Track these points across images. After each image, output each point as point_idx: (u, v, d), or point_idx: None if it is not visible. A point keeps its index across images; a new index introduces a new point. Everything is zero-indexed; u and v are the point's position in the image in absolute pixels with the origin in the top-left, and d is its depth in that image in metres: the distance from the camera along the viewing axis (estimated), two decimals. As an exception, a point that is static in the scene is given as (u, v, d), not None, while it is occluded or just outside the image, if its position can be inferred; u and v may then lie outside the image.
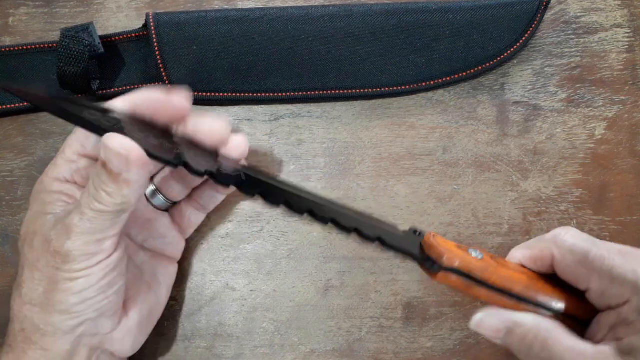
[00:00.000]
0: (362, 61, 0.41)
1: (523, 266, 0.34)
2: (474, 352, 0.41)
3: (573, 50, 0.43)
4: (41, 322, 0.33)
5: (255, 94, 0.42)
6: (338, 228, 0.33)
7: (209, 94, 0.41)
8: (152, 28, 0.40)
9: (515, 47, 0.41)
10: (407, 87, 0.42)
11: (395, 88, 0.42)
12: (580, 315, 0.33)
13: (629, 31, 0.43)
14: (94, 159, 0.34)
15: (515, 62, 0.43)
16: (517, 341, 0.32)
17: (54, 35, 0.43)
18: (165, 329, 0.41)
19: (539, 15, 0.40)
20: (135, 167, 0.30)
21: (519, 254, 0.35)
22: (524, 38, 0.41)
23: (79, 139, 0.34)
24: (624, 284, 0.30)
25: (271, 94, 0.42)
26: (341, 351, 0.41)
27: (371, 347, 0.41)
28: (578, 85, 0.42)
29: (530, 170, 0.42)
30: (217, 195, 0.40)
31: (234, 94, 0.41)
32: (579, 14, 0.43)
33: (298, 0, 0.44)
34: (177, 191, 0.39)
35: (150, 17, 0.40)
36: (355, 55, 0.41)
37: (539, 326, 0.32)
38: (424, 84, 0.41)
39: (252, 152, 0.42)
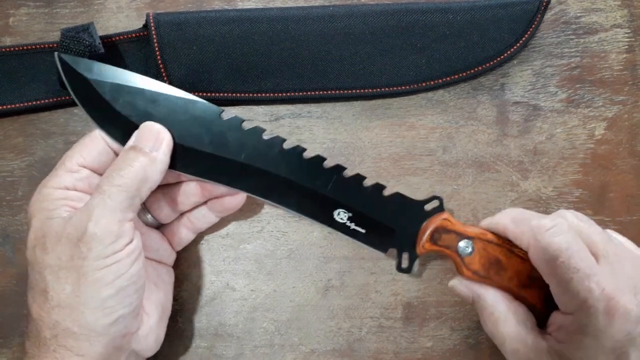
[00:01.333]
0: (362, 61, 0.41)
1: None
2: (474, 352, 0.41)
3: (573, 50, 0.43)
4: (74, 325, 0.32)
5: (255, 94, 0.42)
6: None
7: (209, 94, 0.41)
8: (153, 28, 0.40)
9: (515, 47, 0.41)
10: (407, 87, 0.42)
11: (395, 88, 0.42)
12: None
13: (628, 31, 0.43)
14: (94, 170, 0.36)
15: (515, 62, 0.43)
16: (478, 311, 0.37)
17: (54, 36, 0.43)
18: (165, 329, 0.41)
19: (539, 16, 0.40)
20: (165, 146, 0.35)
21: (505, 220, 0.36)
22: (523, 38, 0.41)
23: (80, 152, 0.36)
24: (575, 298, 0.31)
25: (271, 94, 0.42)
26: (341, 351, 0.41)
27: (371, 347, 0.41)
28: (578, 86, 0.42)
29: (530, 170, 0.42)
30: (211, 217, 0.40)
31: (234, 94, 0.41)
32: (578, 14, 0.43)
33: (298, 1, 0.44)
34: (165, 213, 0.39)
35: (151, 18, 0.40)
36: (355, 56, 0.41)
37: (495, 306, 0.35)
38: (424, 84, 0.41)
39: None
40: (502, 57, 0.41)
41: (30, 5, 0.44)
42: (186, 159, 0.37)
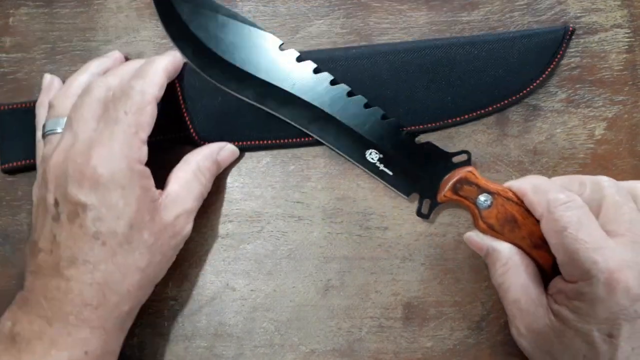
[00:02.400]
0: (388, 103, 0.40)
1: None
2: (473, 352, 0.41)
3: (573, 50, 0.43)
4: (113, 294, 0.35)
5: (281, 140, 0.41)
6: None
7: (236, 143, 0.41)
8: (176, 81, 0.40)
9: (541, 79, 0.40)
10: (433, 124, 0.41)
11: (421, 127, 0.41)
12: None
13: (628, 31, 0.43)
14: None
15: (515, 62, 0.42)
16: (490, 262, 0.38)
17: (54, 36, 0.43)
18: (165, 329, 0.41)
19: (564, 46, 0.40)
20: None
21: (526, 186, 0.37)
22: (549, 69, 0.40)
23: (153, 122, 0.36)
24: (579, 268, 0.33)
25: (297, 139, 0.41)
26: (341, 351, 0.41)
27: (371, 347, 0.41)
28: (578, 86, 0.42)
29: (530, 170, 0.42)
30: None
31: (259, 142, 0.41)
32: (578, 14, 0.43)
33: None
34: None
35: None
36: (380, 97, 0.40)
37: (510, 258, 0.37)
38: (450, 120, 0.41)
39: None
40: (527, 89, 0.41)
41: (30, 5, 0.44)
42: (243, 82, 0.40)
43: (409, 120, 0.41)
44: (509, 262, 0.36)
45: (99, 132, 0.34)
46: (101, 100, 0.35)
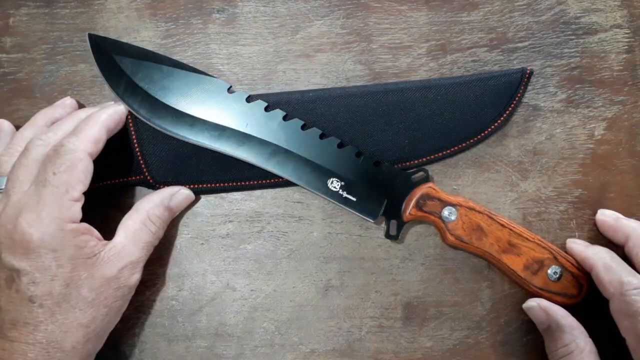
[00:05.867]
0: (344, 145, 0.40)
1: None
2: (473, 352, 0.41)
3: (573, 50, 0.43)
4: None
5: (239, 183, 0.41)
6: None
7: (192, 186, 0.41)
8: (131, 124, 0.40)
9: (498, 122, 0.41)
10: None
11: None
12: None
13: (628, 32, 0.43)
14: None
15: (515, 62, 0.43)
16: (548, 337, 0.37)
17: (54, 36, 0.43)
18: (166, 329, 0.41)
19: (522, 87, 0.40)
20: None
21: (597, 262, 0.37)
22: (507, 112, 0.41)
23: (86, 178, 0.36)
24: None
25: (256, 182, 0.41)
26: (341, 351, 0.41)
27: (371, 346, 0.41)
28: (578, 86, 0.42)
29: (529, 170, 0.42)
30: None
31: (217, 185, 0.41)
32: (578, 15, 0.43)
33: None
34: None
35: (129, 117, 0.40)
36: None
37: (573, 341, 0.35)
38: (408, 163, 0.41)
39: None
40: (487, 131, 0.41)
41: (30, 6, 0.44)
42: (194, 127, 0.39)
43: None
44: (571, 345, 0.35)
45: (28, 196, 0.34)
46: (38, 159, 0.35)
